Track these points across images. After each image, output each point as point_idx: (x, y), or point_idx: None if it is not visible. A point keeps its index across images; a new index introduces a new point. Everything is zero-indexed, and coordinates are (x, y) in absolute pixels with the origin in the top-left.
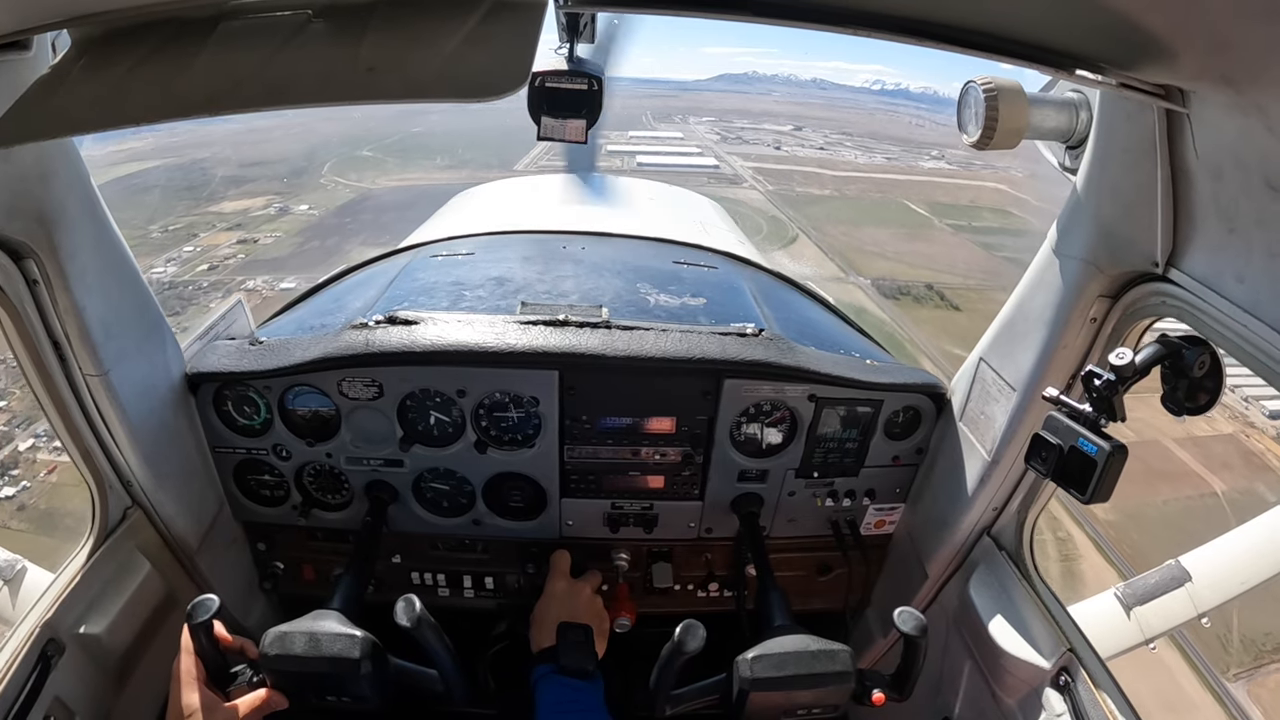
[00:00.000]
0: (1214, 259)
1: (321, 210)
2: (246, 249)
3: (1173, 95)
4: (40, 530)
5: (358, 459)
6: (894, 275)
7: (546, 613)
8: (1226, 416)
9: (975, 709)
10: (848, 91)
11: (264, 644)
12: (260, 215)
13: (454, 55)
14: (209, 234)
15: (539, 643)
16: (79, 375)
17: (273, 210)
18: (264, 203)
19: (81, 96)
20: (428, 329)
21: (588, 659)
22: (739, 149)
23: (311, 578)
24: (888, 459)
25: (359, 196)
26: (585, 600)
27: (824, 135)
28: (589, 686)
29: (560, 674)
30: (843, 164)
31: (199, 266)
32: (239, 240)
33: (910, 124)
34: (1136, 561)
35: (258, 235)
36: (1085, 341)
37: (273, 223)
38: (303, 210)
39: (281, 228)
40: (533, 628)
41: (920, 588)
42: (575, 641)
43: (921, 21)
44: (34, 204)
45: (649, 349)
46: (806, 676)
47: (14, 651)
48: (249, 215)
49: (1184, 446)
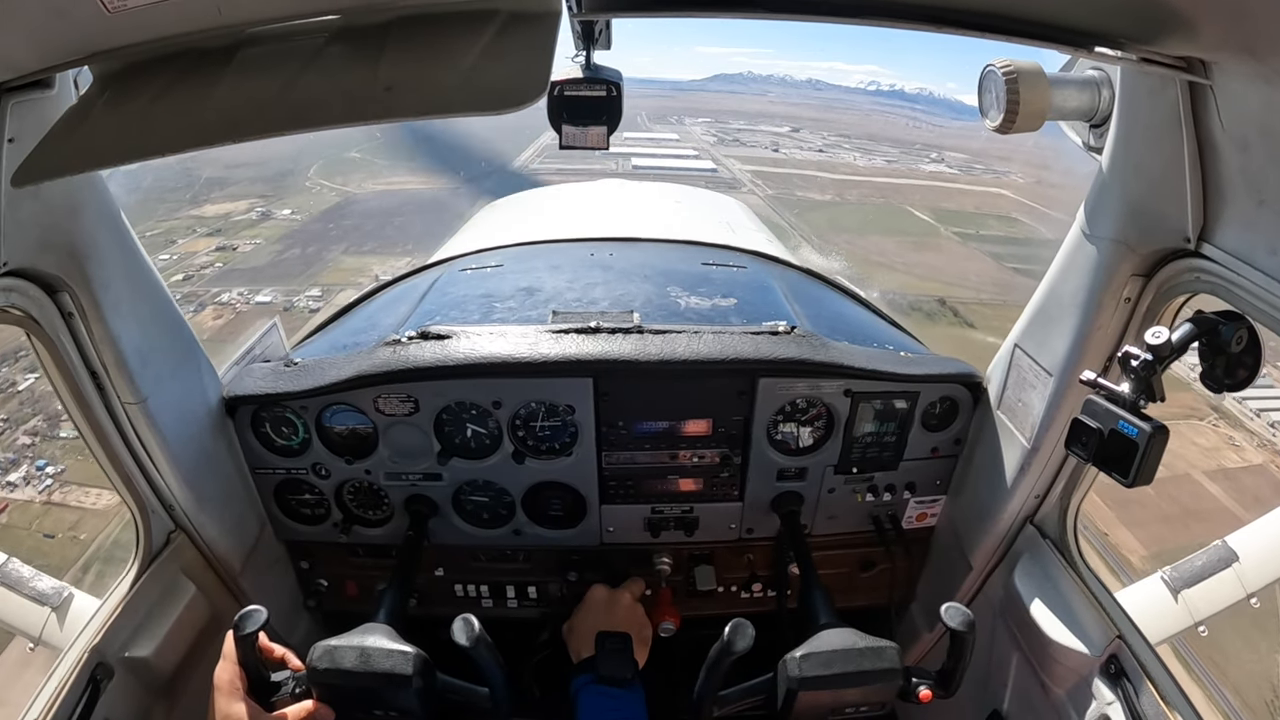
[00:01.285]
0: (1246, 232)
1: (304, 215)
2: (224, 257)
3: (1194, 68)
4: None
5: (396, 474)
6: (903, 289)
7: (585, 622)
8: (1255, 445)
9: (1024, 701)
10: (843, 92)
11: (312, 658)
12: (241, 220)
13: (472, 69)
14: (187, 240)
15: (578, 653)
16: (118, 404)
17: (254, 215)
18: (246, 206)
19: (106, 130)
20: (460, 343)
21: (627, 667)
22: (736, 151)
23: (355, 594)
24: (926, 451)
25: (343, 201)
26: (625, 608)
27: (822, 137)
28: (628, 695)
29: (599, 683)
30: (842, 167)
31: (174, 276)
32: (217, 247)
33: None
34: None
35: (237, 242)
36: (1120, 322)
37: (253, 228)
38: (285, 215)
39: (262, 234)
40: (572, 638)
41: (964, 580)
42: (613, 650)
43: (939, 8)
44: (65, 238)
45: (682, 352)
46: (854, 674)
47: (64, 677)
48: (230, 220)
49: (1215, 479)
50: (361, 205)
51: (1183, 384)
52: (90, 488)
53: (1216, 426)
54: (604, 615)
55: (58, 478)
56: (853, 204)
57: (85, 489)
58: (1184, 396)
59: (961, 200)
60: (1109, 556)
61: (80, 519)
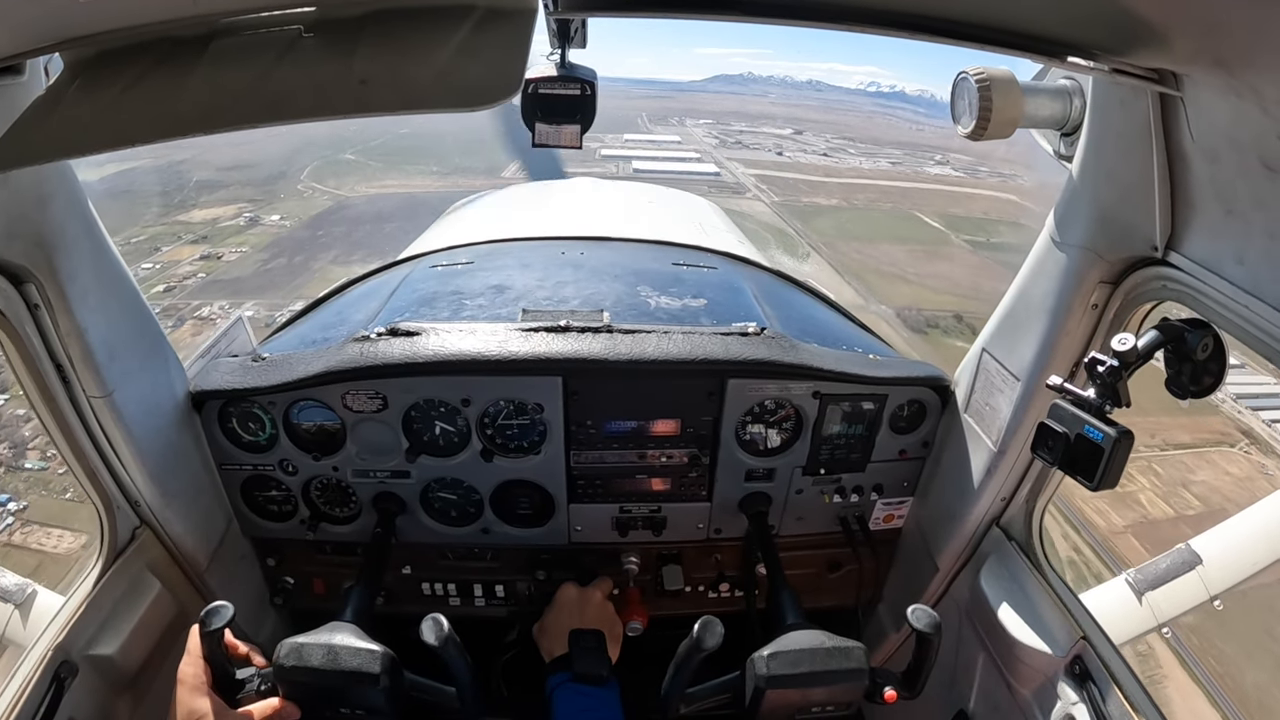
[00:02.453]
0: (1213, 241)
1: (293, 221)
2: (208, 267)
3: (1166, 79)
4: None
5: (364, 471)
6: (918, 303)
7: (557, 621)
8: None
9: (990, 701)
10: (844, 93)
11: (279, 655)
12: (229, 226)
13: (447, 65)
14: (173, 247)
15: (551, 651)
16: (83, 397)
17: (243, 220)
18: (235, 211)
19: (76, 119)
20: (430, 339)
21: (602, 664)
22: (739, 154)
23: (322, 591)
24: (894, 453)
25: (335, 205)
26: (596, 606)
27: (825, 140)
28: (604, 693)
29: (576, 682)
30: (848, 170)
31: (155, 287)
32: (202, 256)
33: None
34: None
35: (222, 250)
36: (1087, 328)
37: (240, 235)
38: (273, 221)
39: (249, 241)
40: (544, 637)
41: (931, 581)
42: (588, 648)
43: (913, 15)
44: (32, 228)
45: (651, 352)
46: (821, 674)
47: (27, 675)
48: (217, 226)
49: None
50: (353, 210)
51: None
52: (53, 528)
53: (1249, 454)
54: (576, 614)
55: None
56: (860, 209)
57: (48, 529)
58: (1213, 420)
59: (969, 205)
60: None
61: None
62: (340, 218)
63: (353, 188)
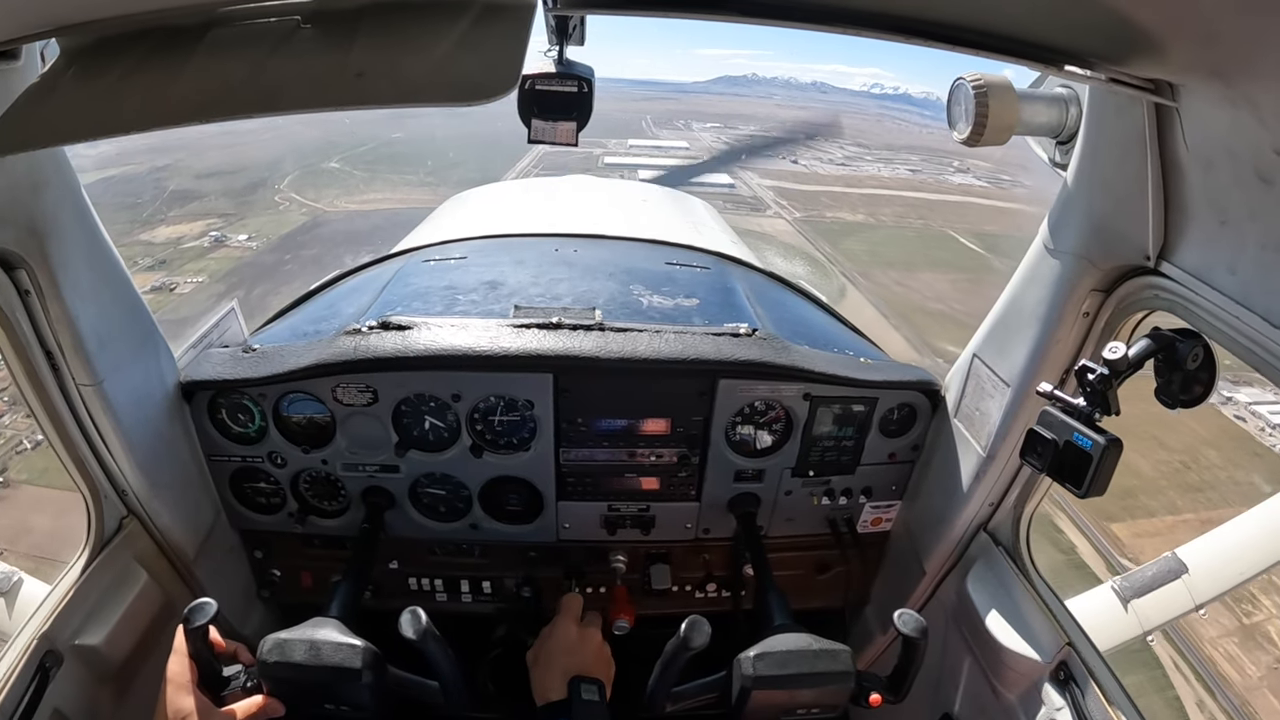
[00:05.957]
0: (1206, 251)
1: (260, 242)
2: (158, 302)
3: (1162, 89)
4: None
5: (354, 465)
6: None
7: (554, 660)
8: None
9: (975, 705)
10: (848, 95)
11: (262, 651)
12: (192, 248)
13: (444, 59)
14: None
15: (545, 692)
16: (72, 385)
17: (207, 241)
18: (202, 229)
19: (72, 106)
20: (421, 334)
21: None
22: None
23: (309, 585)
24: (884, 456)
25: (309, 222)
26: (595, 649)
27: (839, 146)
28: None
29: None
30: (867, 179)
31: None
32: (153, 287)
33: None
34: None
35: (177, 279)
36: (1078, 336)
37: (200, 260)
38: (240, 241)
39: (208, 267)
40: (537, 669)
41: (918, 585)
42: (590, 701)
43: (910, 19)
44: (25, 214)
45: (643, 350)
46: (808, 675)
47: (11, 664)
48: (179, 248)
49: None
50: (329, 228)
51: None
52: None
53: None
54: (575, 655)
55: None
56: (889, 226)
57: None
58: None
59: (1002, 221)
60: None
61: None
62: (313, 237)
63: (331, 201)
